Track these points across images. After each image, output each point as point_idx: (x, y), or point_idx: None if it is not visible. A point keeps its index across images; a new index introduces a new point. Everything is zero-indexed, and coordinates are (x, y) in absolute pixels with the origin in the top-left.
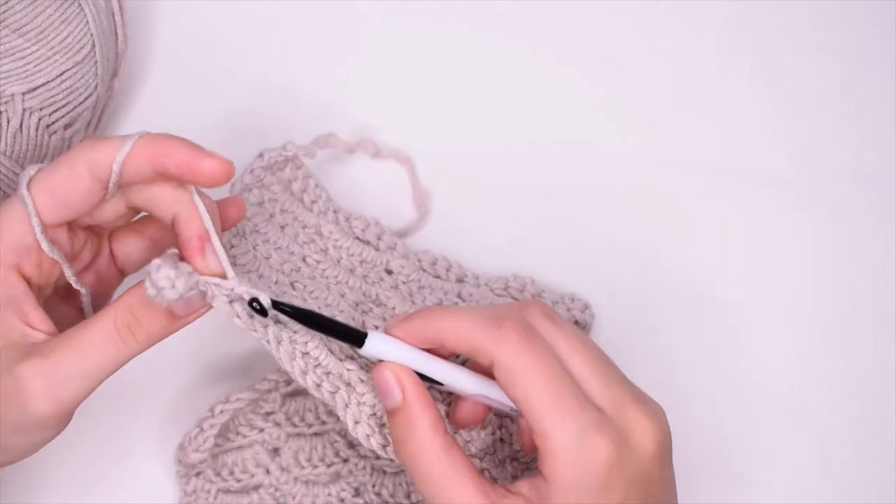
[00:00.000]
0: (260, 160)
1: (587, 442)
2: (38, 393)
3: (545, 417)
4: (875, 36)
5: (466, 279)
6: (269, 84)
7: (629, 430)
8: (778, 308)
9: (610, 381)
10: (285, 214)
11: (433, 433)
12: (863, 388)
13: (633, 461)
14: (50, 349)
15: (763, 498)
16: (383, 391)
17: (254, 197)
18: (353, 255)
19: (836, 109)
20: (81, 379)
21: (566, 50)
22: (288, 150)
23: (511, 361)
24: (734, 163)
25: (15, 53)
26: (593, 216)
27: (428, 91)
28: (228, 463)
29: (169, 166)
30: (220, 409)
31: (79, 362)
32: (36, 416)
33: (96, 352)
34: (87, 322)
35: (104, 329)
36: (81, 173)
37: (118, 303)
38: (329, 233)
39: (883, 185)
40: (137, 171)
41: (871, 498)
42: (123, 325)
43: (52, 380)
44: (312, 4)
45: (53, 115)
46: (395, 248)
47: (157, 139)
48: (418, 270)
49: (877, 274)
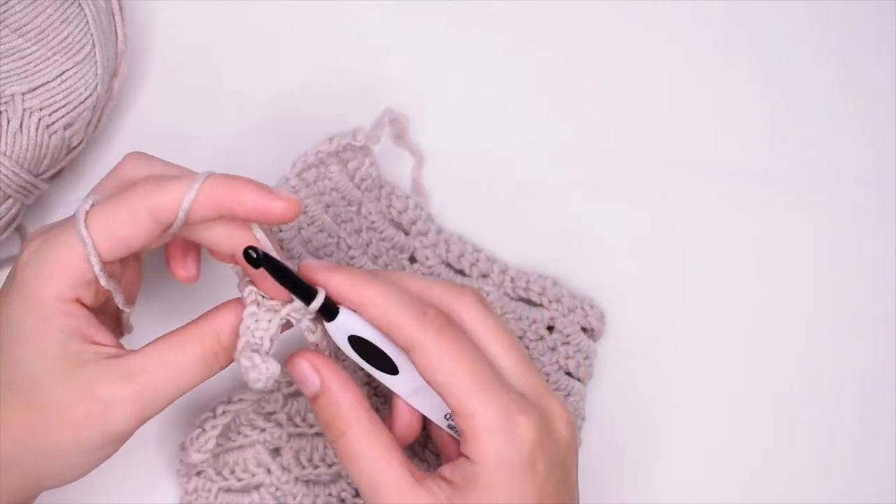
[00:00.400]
0: (328, 144)
1: (512, 421)
2: (125, 415)
3: (469, 398)
4: (874, 36)
5: (491, 275)
6: (269, 84)
7: (549, 415)
8: (777, 308)
9: (530, 370)
10: (334, 193)
11: (355, 411)
12: (862, 388)
13: (553, 446)
14: (137, 371)
15: (763, 498)
16: (301, 380)
17: (310, 175)
18: (382, 240)
19: (836, 109)
20: (164, 402)
21: (564, 50)
22: (357, 139)
23: (432, 347)
24: (734, 163)
25: (15, 53)
26: (593, 216)
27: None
28: (230, 462)
29: (238, 210)
30: (223, 409)
31: (166, 386)
32: (115, 436)
33: (184, 376)
34: (175, 344)
35: (193, 355)
36: (143, 219)
37: (206, 329)
38: (368, 213)
39: (883, 185)
40: (203, 215)
41: (871, 498)
42: (212, 352)
43: (140, 403)
44: (313, 4)
45: (53, 115)
46: (426, 234)
47: (224, 182)
48: (441, 263)
49: (877, 274)
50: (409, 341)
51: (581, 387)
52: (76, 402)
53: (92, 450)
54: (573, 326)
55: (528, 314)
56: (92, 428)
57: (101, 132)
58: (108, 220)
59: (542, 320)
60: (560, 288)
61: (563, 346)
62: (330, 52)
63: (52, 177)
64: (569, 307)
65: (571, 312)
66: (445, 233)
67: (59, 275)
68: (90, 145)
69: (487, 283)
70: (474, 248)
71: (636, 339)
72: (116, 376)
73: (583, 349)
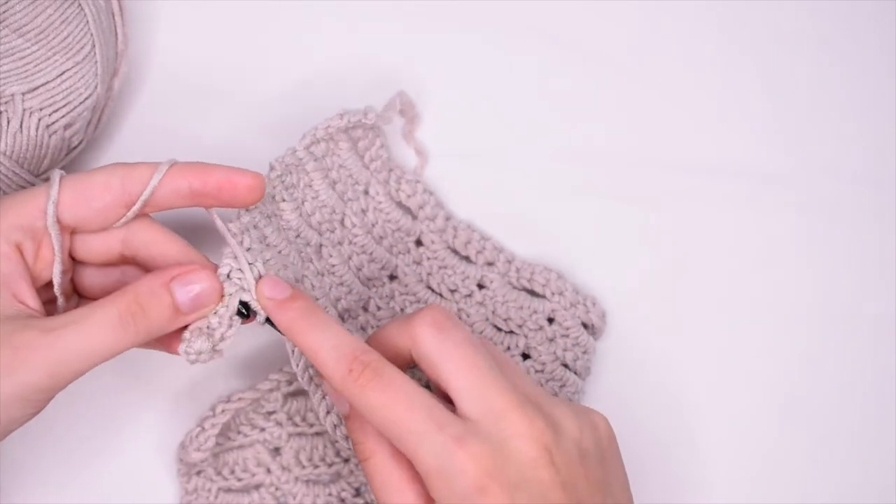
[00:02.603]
0: (338, 120)
1: (449, 457)
2: (37, 365)
3: (405, 444)
4: (875, 36)
5: (497, 263)
6: (270, 84)
7: (505, 436)
8: (777, 308)
9: (492, 390)
10: (342, 170)
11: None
12: (862, 388)
13: (514, 467)
14: (51, 325)
15: (764, 497)
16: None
17: (319, 150)
18: (388, 222)
19: (836, 109)
20: (77, 360)
21: (564, 50)
22: (368, 118)
23: (359, 401)
24: (735, 163)
25: (15, 53)
26: (593, 216)
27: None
28: (229, 462)
29: (208, 187)
30: (222, 408)
31: (78, 341)
32: (28, 388)
33: (96, 334)
34: (92, 305)
35: (108, 314)
36: (114, 183)
37: (125, 290)
38: (375, 193)
39: (883, 186)
40: (170, 193)
41: (871, 498)
42: (127, 312)
43: (50, 354)
44: (313, 4)
45: (53, 115)
46: (434, 219)
47: (192, 164)
48: (447, 248)
49: (876, 274)
50: (340, 391)
51: (577, 380)
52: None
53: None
54: (573, 320)
55: (529, 304)
56: (3, 377)
57: (101, 132)
58: (80, 178)
59: (543, 311)
60: (564, 282)
61: (562, 339)
62: (330, 54)
63: None
64: (571, 301)
65: (573, 307)
66: (454, 219)
67: (6, 213)
68: (90, 145)
69: (492, 271)
70: (482, 236)
71: (636, 339)
72: (33, 329)
73: (581, 343)
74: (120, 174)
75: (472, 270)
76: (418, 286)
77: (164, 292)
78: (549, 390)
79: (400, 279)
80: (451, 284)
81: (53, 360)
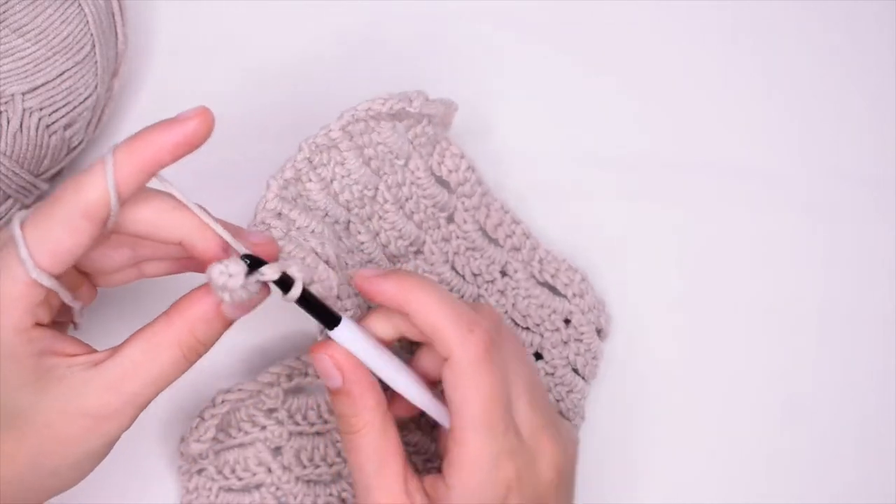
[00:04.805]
0: (381, 104)
1: (498, 465)
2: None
3: (472, 429)
4: (876, 36)
5: (523, 249)
6: (269, 84)
7: (536, 455)
8: (779, 309)
9: (535, 406)
10: (380, 147)
11: (372, 413)
12: (863, 389)
13: (532, 485)
14: (120, 380)
15: (764, 497)
16: (322, 373)
17: (356, 129)
18: (424, 197)
19: (839, 110)
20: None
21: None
22: (413, 106)
23: (469, 368)
24: (736, 164)
25: (15, 53)
26: (593, 217)
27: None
28: (230, 461)
29: (162, 158)
30: (222, 398)
31: (151, 389)
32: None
33: (167, 376)
34: (154, 348)
35: (173, 357)
36: (79, 225)
37: (180, 327)
38: (416, 167)
39: (885, 186)
40: (133, 187)
41: (871, 498)
42: (189, 349)
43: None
44: (313, 4)
45: (53, 115)
46: (471, 196)
47: (131, 145)
48: (478, 230)
49: (879, 275)
50: (448, 352)
51: (584, 385)
52: (66, 421)
53: (90, 458)
54: (589, 326)
55: (549, 303)
56: (87, 442)
57: (101, 132)
58: (44, 236)
59: (562, 312)
60: (587, 284)
61: (576, 343)
62: (334, 53)
63: (52, 177)
64: (590, 305)
65: (591, 311)
66: (489, 197)
67: (10, 308)
68: (90, 145)
69: (517, 257)
70: (514, 219)
71: (634, 339)
72: (102, 389)
73: (593, 350)
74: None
75: (498, 255)
76: (443, 266)
77: (218, 321)
78: (557, 395)
79: (426, 256)
80: (475, 268)
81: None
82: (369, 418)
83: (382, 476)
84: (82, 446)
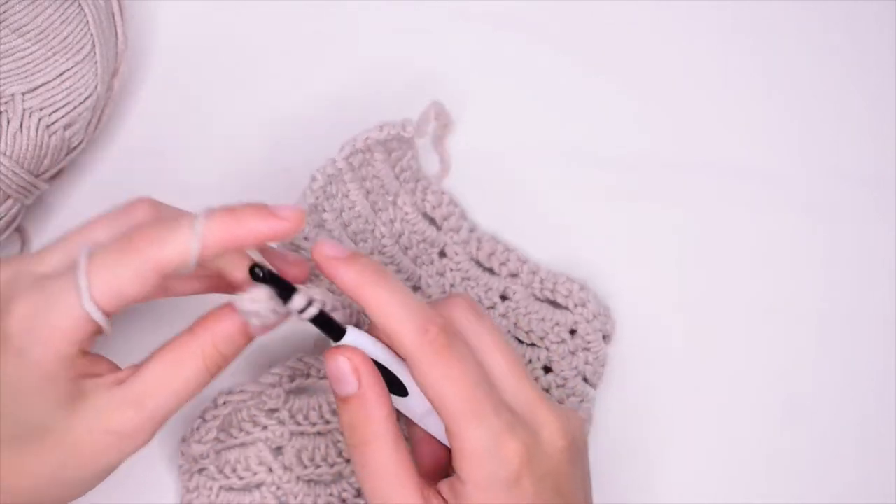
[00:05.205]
0: (378, 132)
1: (499, 444)
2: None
3: (460, 419)
4: (877, 36)
5: (521, 275)
6: (269, 84)
7: (538, 427)
8: (780, 309)
9: (524, 380)
10: (375, 181)
11: (384, 424)
12: (863, 389)
13: (542, 458)
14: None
15: (764, 497)
16: (336, 378)
17: (356, 160)
18: (414, 233)
19: (839, 110)
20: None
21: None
22: (407, 131)
23: (430, 363)
24: (736, 164)
25: (15, 53)
26: (592, 216)
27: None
28: (231, 460)
29: (245, 243)
30: (223, 399)
31: (173, 403)
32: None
33: (189, 390)
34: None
35: (195, 370)
36: (148, 276)
37: (204, 339)
38: (403, 203)
39: (885, 186)
40: (211, 257)
41: (871, 498)
42: (213, 363)
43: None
44: (313, 4)
45: (53, 115)
46: (458, 230)
47: (224, 219)
48: (470, 260)
49: (879, 275)
50: (408, 353)
51: (593, 392)
52: (91, 439)
53: (107, 472)
54: (595, 334)
55: (552, 316)
56: (107, 458)
57: (101, 132)
58: (110, 278)
59: (566, 323)
60: (587, 292)
61: (583, 352)
62: (334, 53)
63: (52, 177)
64: (594, 313)
65: (595, 318)
66: (478, 231)
67: (60, 339)
68: (90, 145)
69: (516, 282)
70: (506, 247)
71: (635, 339)
72: (125, 406)
73: (600, 357)
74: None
75: (495, 282)
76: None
77: (242, 337)
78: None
79: (423, 290)
80: (473, 296)
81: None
82: (382, 429)
83: (398, 492)
84: (102, 462)
